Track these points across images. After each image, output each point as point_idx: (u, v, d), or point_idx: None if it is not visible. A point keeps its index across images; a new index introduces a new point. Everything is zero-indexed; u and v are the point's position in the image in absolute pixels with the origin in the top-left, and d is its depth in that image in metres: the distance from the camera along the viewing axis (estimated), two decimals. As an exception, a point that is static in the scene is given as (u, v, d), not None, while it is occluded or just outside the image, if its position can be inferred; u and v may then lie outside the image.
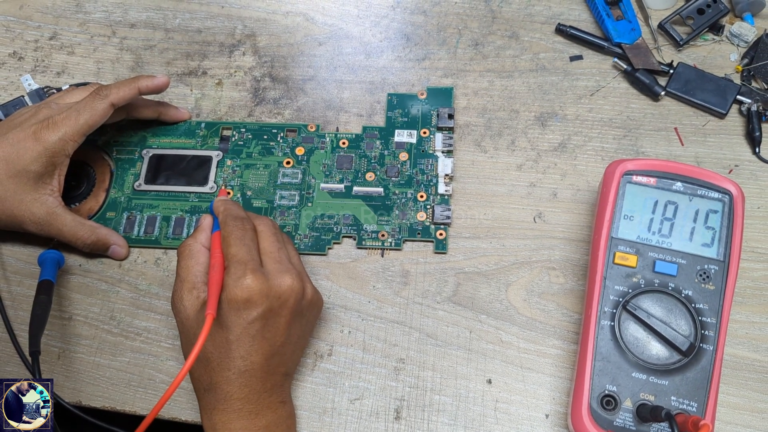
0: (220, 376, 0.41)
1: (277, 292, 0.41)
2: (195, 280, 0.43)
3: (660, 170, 0.45)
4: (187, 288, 0.43)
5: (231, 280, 0.40)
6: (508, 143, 0.55)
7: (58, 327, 0.50)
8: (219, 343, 0.41)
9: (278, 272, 0.42)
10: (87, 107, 0.49)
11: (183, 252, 0.44)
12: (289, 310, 0.42)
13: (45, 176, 0.49)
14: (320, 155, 0.54)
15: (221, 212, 0.45)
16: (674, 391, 0.41)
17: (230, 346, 0.40)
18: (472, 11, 0.61)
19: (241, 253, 0.42)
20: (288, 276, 0.42)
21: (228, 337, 0.40)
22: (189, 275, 0.43)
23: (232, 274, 0.41)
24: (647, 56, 0.56)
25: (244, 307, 0.40)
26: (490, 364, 0.47)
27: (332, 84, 0.58)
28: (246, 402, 0.41)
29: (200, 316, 0.42)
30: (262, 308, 0.40)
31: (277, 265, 0.42)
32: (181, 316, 0.42)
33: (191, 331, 0.42)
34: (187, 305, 0.42)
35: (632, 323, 0.43)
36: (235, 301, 0.40)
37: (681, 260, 0.44)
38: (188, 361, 0.37)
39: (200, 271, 0.43)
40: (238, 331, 0.40)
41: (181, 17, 0.62)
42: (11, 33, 0.62)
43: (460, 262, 0.50)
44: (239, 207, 0.46)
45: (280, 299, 0.41)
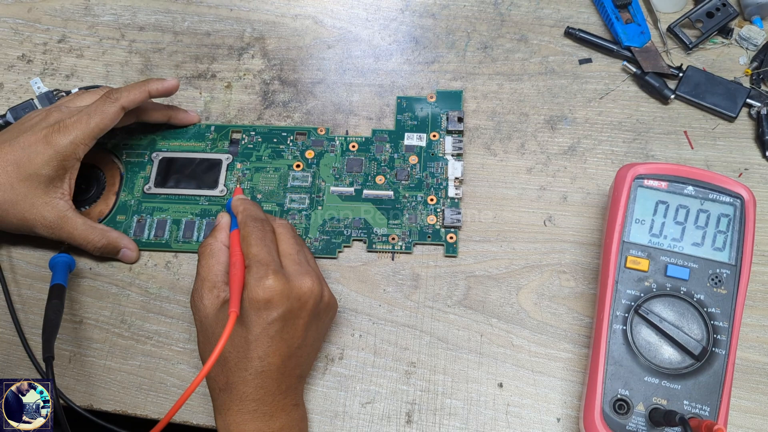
0: (236, 376, 0.41)
1: (298, 293, 0.41)
2: (215, 279, 0.43)
3: (671, 174, 0.45)
4: (207, 287, 0.43)
5: (253, 279, 0.40)
6: (517, 146, 0.55)
7: (69, 330, 0.50)
8: (238, 343, 0.41)
9: (299, 274, 0.42)
10: (97, 111, 0.49)
11: (204, 251, 0.44)
12: (308, 312, 0.42)
13: (56, 180, 0.49)
14: (330, 158, 0.54)
15: (240, 212, 0.45)
16: (687, 395, 0.41)
17: (249, 346, 0.41)
18: (480, 14, 0.61)
19: (263, 253, 0.42)
20: (308, 278, 0.42)
21: (247, 337, 0.41)
22: (210, 274, 0.43)
23: (254, 274, 0.41)
24: (656, 59, 0.56)
25: (265, 307, 0.40)
26: (502, 368, 0.47)
27: (341, 87, 0.58)
28: (261, 403, 0.41)
29: (220, 315, 0.42)
30: (282, 309, 0.40)
31: (297, 267, 0.43)
32: (201, 315, 0.43)
33: (210, 329, 0.42)
34: (207, 304, 0.42)
35: (644, 327, 0.43)
36: (256, 301, 0.40)
37: (693, 264, 0.44)
38: (211, 358, 0.37)
39: (221, 270, 0.44)
40: (257, 331, 0.40)
41: (190, 20, 0.62)
42: (20, 36, 0.62)
43: (471, 266, 0.50)
44: (258, 208, 0.46)
45: (300, 301, 0.41)
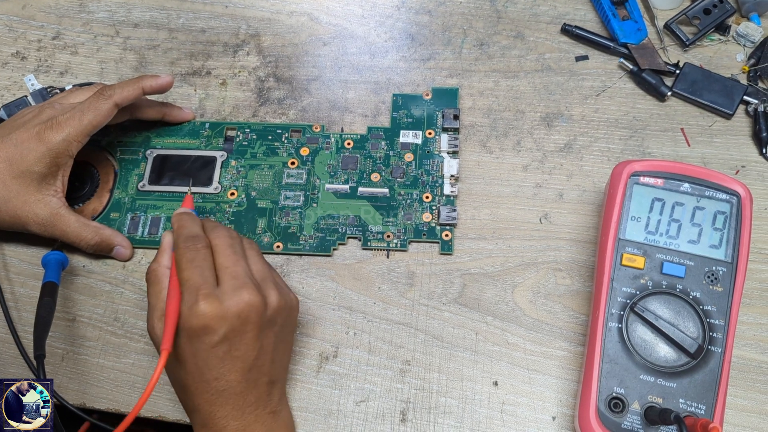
0: (200, 399, 0.40)
1: (235, 311, 0.39)
2: (162, 307, 0.41)
3: (667, 171, 0.45)
4: (157, 316, 0.41)
5: (185, 308, 0.39)
6: (513, 144, 0.54)
7: (62, 328, 0.49)
8: (190, 370, 0.40)
9: (234, 290, 0.40)
10: (91, 107, 0.49)
11: (149, 278, 0.42)
12: (254, 325, 0.40)
13: (49, 177, 0.48)
14: (325, 156, 0.54)
15: (174, 231, 0.44)
16: (682, 393, 0.41)
17: (201, 372, 0.39)
18: (477, 11, 0.60)
19: (194, 276, 0.40)
20: (245, 292, 0.40)
21: (197, 363, 0.39)
22: (158, 302, 0.41)
23: (185, 302, 0.39)
24: (653, 56, 0.56)
25: (204, 333, 0.39)
26: (497, 366, 0.47)
27: (337, 84, 0.58)
28: (231, 419, 0.40)
29: (177, 343, 0.40)
30: (222, 331, 0.39)
31: (233, 281, 0.40)
32: (157, 344, 0.41)
33: (170, 359, 0.41)
34: (160, 334, 0.40)
35: (640, 325, 0.43)
36: (192, 330, 0.39)
37: (689, 262, 0.43)
38: (141, 399, 0.37)
39: (165, 297, 0.41)
40: (204, 357, 0.39)
41: (185, 17, 0.62)
42: (14, 33, 0.62)
43: (466, 264, 0.50)
44: (193, 221, 0.44)
45: (240, 317, 0.39)
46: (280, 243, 0.51)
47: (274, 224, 0.52)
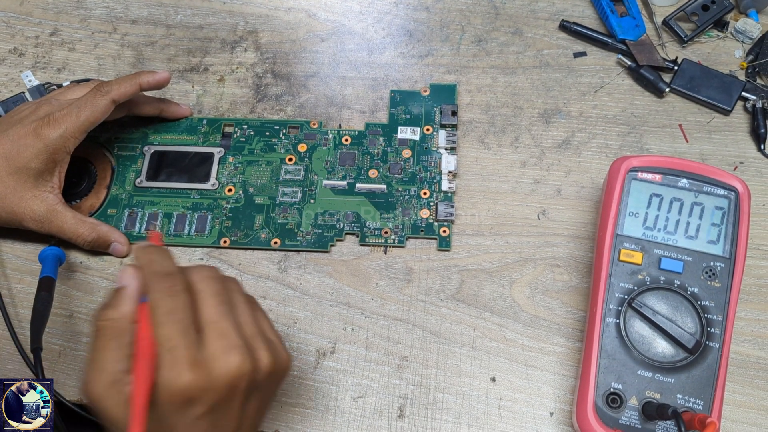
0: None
1: (224, 380, 0.33)
2: (116, 370, 0.33)
3: (665, 167, 0.45)
4: (106, 381, 0.32)
5: (164, 375, 0.32)
6: (511, 140, 0.54)
7: (59, 324, 0.49)
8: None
9: (223, 352, 0.33)
10: (88, 104, 0.49)
11: (101, 329, 0.34)
12: (242, 394, 0.34)
13: (45, 173, 0.48)
14: (323, 152, 0.54)
15: (144, 269, 0.35)
16: (680, 389, 0.41)
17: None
18: (475, 7, 0.60)
19: (174, 334, 0.33)
20: (234, 355, 0.33)
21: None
22: (108, 363, 0.33)
23: (165, 367, 0.32)
24: (651, 53, 0.56)
25: (187, 404, 0.32)
26: (494, 362, 0.47)
27: (335, 80, 0.58)
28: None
29: (127, 419, 0.32)
30: (208, 404, 0.33)
31: (221, 341, 0.33)
32: (103, 416, 0.33)
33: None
34: (109, 405, 0.32)
35: (638, 321, 0.42)
36: (172, 403, 0.32)
37: (687, 257, 0.43)
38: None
39: (123, 357, 0.33)
40: (183, 430, 0.33)
41: (183, 13, 0.62)
42: (12, 29, 0.62)
43: (464, 260, 0.50)
44: (164, 255, 0.36)
45: (229, 387, 0.33)
46: (278, 239, 0.51)
47: (271, 220, 0.52)
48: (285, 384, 0.46)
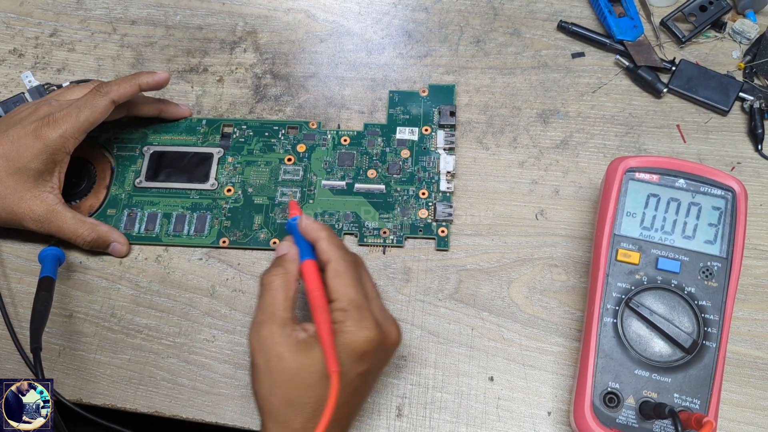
0: (312, 423, 0.37)
1: (386, 345, 0.39)
2: (287, 316, 0.39)
3: (663, 167, 0.45)
4: (278, 324, 0.38)
5: (353, 327, 0.37)
6: (510, 140, 0.54)
7: (58, 324, 0.49)
8: (321, 392, 0.37)
9: (386, 322, 0.39)
10: (87, 104, 0.49)
11: (273, 283, 0.39)
12: (386, 363, 0.40)
13: (45, 173, 0.49)
14: (322, 152, 0.54)
15: (324, 239, 0.40)
16: (677, 388, 0.41)
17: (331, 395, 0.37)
18: (473, 8, 0.60)
19: (360, 297, 0.38)
20: (394, 327, 0.39)
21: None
22: (280, 310, 0.38)
23: (354, 321, 0.37)
24: (649, 53, 0.56)
25: (360, 359, 0.37)
26: (492, 362, 0.47)
27: (334, 81, 0.58)
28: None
29: (301, 358, 0.37)
30: (373, 362, 0.38)
31: (382, 313, 0.39)
32: (270, 355, 0.38)
33: (288, 373, 0.37)
34: (281, 342, 0.37)
35: (635, 320, 0.43)
36: (353, 352, 0.37)
37: (684, 257, 0.44)
38: (321, 423, 0.35)
39: (290, 306, 0.39)
40: (344, 382, 0.37)
41: (182, 14, 0.62)
42: (12, 30, 0.62)
43: (462, 260, 0.50)
44: (332, 230, 0.42)
45: (387, 352, 0.39)
46: (277, 239, 0.51)
47: (270, 220, 0.52)
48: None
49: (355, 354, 0.37)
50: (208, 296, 0.50)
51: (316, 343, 0.38)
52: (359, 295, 0.38)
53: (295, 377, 0.37)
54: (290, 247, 0.41)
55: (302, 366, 0.37)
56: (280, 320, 0.38)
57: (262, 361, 0.38)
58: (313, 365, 0.37)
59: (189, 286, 0.51)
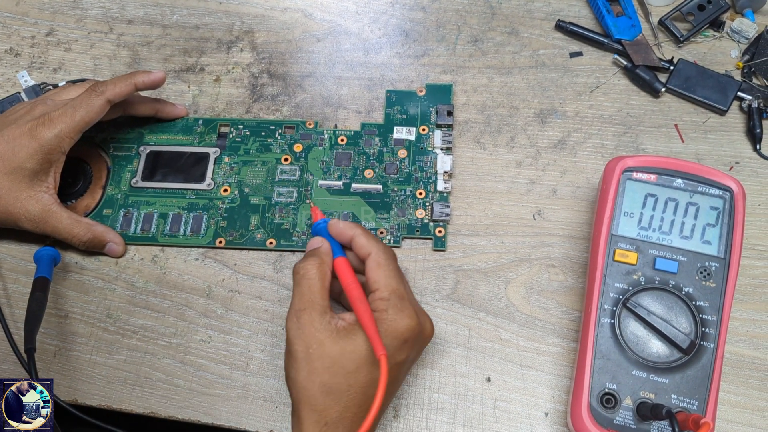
0: (350, 412, 0.38)
1: (423, 335, 0.40)
2: (326, 304, 0.40)
3: (660, 167, 0.45)
4: (318, 311, 0.39)
5: (395, 315, 0.38)
6: (507, 140, 0.54)
7: (54, 325, 0.49)
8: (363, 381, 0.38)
9: (421, 313, 0.40)
10: (83, 104, 0.48)
11: (309, 272, 0.40)
12: (419, 355, 0.41)
13: (40, 173, 0.48)
14: (318, 152, 0.54)
15: (360, 234, 0.42)
16: (675, 389, 0.41)
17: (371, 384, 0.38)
18: (471, 7, 0.60)
19: (400, 287, 0.40)
20: (428, 319, 0.41)
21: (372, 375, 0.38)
22: (319, 298, 0.40)
23: (396, 309, 0.39)
24: (647, 53, 0.56)
25: (401, 347, 0.39)
26: (489, 362, 0.47)
27: (331, 80, 0.58)
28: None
29: (342, 343, 0.38)
30: (410, 352, 0.39)
31: (417, 305, 0.41)
32: (310, 341, 0.38)
33: (329, 359, 0.38)
34: (320, 328, 0.38)
35: (632, 321, 0.42)
36: (395, 339, 0.38)
37: (681, 257, 0.43)
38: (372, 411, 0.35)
39: (327, 295, 0.40)
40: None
41: (179, 13, 0.62)
42: (8, 29, 0.62)
43: (459, 260, 0.50)
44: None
45: (423, 343, 0.41)
46: (273, 239, 0.51)
47: (267, 221, 0.52)
48: (280, 383, 0.47)
49: (397, 341, 0.38)
50: (204, 297, 0.50)
51: (356, 330, 0.39)
52: (399, 285, 0.40)
53: (335, 364, 0.38)
54: (323, 242, 0.43)
55: (343, 353, 0.38)
56: (320, 308, 0.39)
57: (302, 348, 0.38)
58: (354, 352, 0.38)
59: (185, 287, 0.50)
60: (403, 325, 0.38)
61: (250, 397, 0.47)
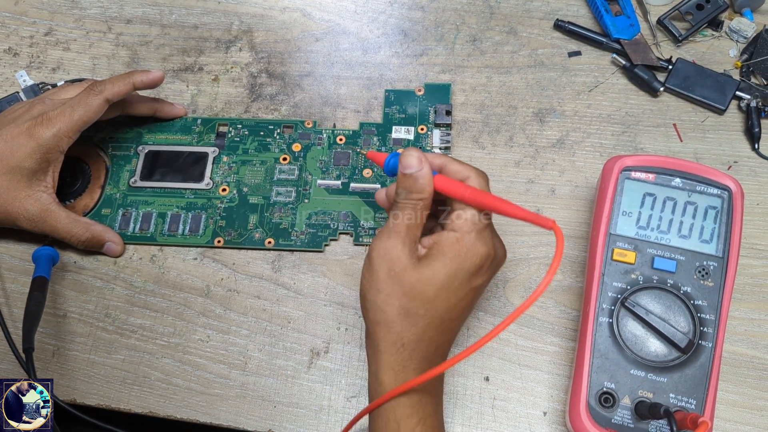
0: (426, 335, 0.39)
1: (497, 260, 0.40)
2: (415, 234, 0.40)
3: (659, 166, 0.45)
4: (403, 239, 0.39)
5: (476, 241, 0.38)
6: (506, 139, 0.54)
7: (52, 324, 0.49)
8: (448, 296, 0.39)
9: (497, 239, 0.41)
10: (81, 103, 0.48)
11: (415, 205, 0.39)
12: (491, 279, 0.41)
13: (39, 173, 0.48)
14: (317, 151, 0.54)
15: (451, 161, 0.41)
16: (673, 388, 0.41)
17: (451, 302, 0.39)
18: (469, 7, 0.60)
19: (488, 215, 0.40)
20: (502, 246, 0.41)
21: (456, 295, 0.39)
22: (409, 229, 0.39)
23: (479, 235, 0.39)
24: (646, 52, 0.56)
25: (476, 273, 0.39)
26: (488, 362, 0.47)
27: (329, 80, 0.58)
28: (429, 362, 0.39)
29: (420, 269, 0.38)
30: (485, 276, 0.40)
31: (494, 231, 0.41)
32: (394, 264, 0.38)
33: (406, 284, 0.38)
34: (405, 254, 0.39)
35: (631, 320, 0.42)
36: (473, 265, 0.38)
37: (680, 257, 0.43)
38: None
39: (420, 226, 0.40)
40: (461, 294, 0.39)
41: (178, 13, 0.62)
42: (6, 29, 0.62)
43: (458, 259, 0.50)
44: None
45: (497, 267, 0.41)
46: (272, 239, 0.51)
47: (265, 220, 0.52)
48: (279, 383, 0.47)
49: (474, 266, 0.38)
50: (202, 296, 0.50)
51: (435, 256, 0.38)
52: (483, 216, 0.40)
53: (413, 289, 0.38)
54: (421, 163, 0.39)
55: (422, 279, 0.38)
56: (411, 237, 0.39)
57: (384, 270, 0.39)
58: (432, 277, 0.38)
59: (184, 286, 0.50)
60: (483, 251, 0.39)
61: (248, 397, 0.47)
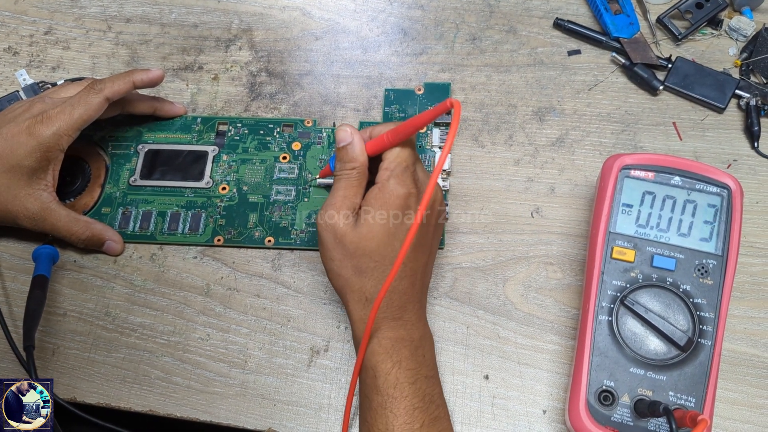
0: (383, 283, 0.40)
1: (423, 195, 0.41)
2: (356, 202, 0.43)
3: (658, 164, 0.45)
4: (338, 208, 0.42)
5: (395, 185, 0.41)
6: (505, 138, 0.54)
7: (52, 323, 0.49)
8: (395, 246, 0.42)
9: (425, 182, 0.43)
10: (81, 101, 0.49)
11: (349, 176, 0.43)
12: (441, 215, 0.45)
13: (39, 171, 0.48)
14: (317, 150, 0.54)
15: (371, 128, 0.45)
16: (672, 386, 0.41)
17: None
18: (469, 5, 0.60)
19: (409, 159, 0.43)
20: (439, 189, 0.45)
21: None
22: (357, 198, 0.43)
23: (398, 180, 0.41)
24: (645, 50, 0.56)
25: (405, 213, 0.41)
26: (488, 360, 0.47)
27: (329, 79, 0.58)
28: (404, 311, 0.42)
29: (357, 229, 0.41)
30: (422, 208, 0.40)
31: (425, 174, 0.44)
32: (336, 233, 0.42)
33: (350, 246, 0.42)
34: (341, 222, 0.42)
35: (630, 318, 0.43)
36: (396, 207, 0.41)
37: (679, 255, 0.43)
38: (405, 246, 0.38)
39: (361, 194, 0.43)
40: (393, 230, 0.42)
41: (177, 12, 0.62)
42: (6, 28, 0.62)
43: (457, 258, 0.50)
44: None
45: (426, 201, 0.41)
46: (272, 237, 0.51)
47: (265, 219, 0.52)
48: (279, 381, 0.47)
49: (398, 208, 0.41)
50: (202, 295, 0.50)
51: (367, 211, 0.42)
52: (409, 156, 0.42)
53: (358, 248, 0.41)
54: (353, 136, 0.43)
55: (362, 236, 0.41)
56: (348, 204, 0.42)
57: (330, 239, 0.42)
58: (370, 232, 0.41)
59: (183, 285, 0.50)
60: (403, 192, 0.41)
61: (248, 395, 0.47)
